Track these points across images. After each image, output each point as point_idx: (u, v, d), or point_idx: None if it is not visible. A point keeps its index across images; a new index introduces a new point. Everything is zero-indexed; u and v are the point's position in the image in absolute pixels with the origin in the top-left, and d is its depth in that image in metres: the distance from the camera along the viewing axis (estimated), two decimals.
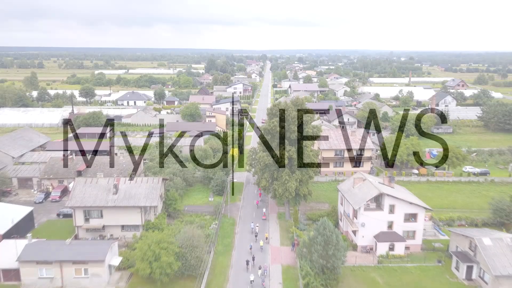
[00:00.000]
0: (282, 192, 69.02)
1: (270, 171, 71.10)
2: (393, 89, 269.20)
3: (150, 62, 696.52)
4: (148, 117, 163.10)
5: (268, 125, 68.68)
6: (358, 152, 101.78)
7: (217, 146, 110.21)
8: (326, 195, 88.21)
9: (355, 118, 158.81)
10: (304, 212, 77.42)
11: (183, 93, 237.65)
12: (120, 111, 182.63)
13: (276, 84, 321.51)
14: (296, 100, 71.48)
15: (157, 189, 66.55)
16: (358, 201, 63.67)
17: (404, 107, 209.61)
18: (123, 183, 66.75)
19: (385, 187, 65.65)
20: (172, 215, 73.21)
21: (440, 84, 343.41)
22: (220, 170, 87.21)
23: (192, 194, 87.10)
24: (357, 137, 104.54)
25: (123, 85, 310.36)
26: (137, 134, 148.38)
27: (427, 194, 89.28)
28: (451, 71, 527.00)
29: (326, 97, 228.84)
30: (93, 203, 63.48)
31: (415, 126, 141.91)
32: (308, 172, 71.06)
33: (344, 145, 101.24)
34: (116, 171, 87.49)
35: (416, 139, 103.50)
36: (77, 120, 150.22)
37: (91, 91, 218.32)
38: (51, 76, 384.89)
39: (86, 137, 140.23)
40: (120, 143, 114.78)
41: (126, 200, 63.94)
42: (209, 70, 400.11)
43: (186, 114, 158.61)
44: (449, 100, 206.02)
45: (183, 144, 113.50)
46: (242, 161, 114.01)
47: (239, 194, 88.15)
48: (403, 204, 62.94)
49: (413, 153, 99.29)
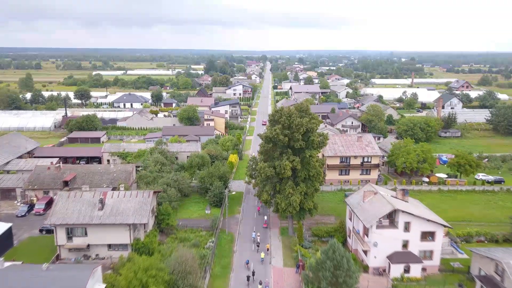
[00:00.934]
0: (285, 207, 62.94)
1: (272, 183, 65.02)
2: (396, 91, 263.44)
3: (149, 63, 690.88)
4: (144, 120, 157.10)
5: (270, 133, 62.59)
6: (365, 159, 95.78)
7: (215, 152, 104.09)
8: (332, 206, 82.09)
9: (359, 122, 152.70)
10: (308, 226, 71.32)
11: (182, 95, 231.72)
12: (115, 114, 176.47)
13: (276, 86, 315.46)
14: (300, 105, 65.43)
15: (148, 204, 60.42)
16: (370, 218, 57.55)
17: (408, 109, 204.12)
18: (110, 197, 60.60)
19: (399, 202, 59.55)
20: (164, 231, 67.11)
21: (443, 85, 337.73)
22: (217, 180, 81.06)
23: (187, 205, 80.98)
24: (363, 143, 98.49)
25: (120, 87, 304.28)
26: (132, 138, 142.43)
27: (440, 205, 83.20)
28: (453, 72, 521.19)
29: (328, 99, 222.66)
30: (76, 220, 57.33)
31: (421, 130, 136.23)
32: (313, 184, 65.00)
33: (350, 152, 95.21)
34: (106, 181, 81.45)
35: (427, 145, 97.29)
36: (70, 124, 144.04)
37: (86, 93, 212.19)
38: (48, 78, 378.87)
39: (78, 142, 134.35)
40: (113, 149, 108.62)
41: (113, 217, 57.80)
42: (209, 71, 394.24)
43: (184, 117, 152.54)
44: (455, 102, 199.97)
45: (179, 150, 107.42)
46: (241, 168, 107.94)
47: (238, 206, 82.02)
48: (419, 221, 56.84)
49: (423, 160, 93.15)
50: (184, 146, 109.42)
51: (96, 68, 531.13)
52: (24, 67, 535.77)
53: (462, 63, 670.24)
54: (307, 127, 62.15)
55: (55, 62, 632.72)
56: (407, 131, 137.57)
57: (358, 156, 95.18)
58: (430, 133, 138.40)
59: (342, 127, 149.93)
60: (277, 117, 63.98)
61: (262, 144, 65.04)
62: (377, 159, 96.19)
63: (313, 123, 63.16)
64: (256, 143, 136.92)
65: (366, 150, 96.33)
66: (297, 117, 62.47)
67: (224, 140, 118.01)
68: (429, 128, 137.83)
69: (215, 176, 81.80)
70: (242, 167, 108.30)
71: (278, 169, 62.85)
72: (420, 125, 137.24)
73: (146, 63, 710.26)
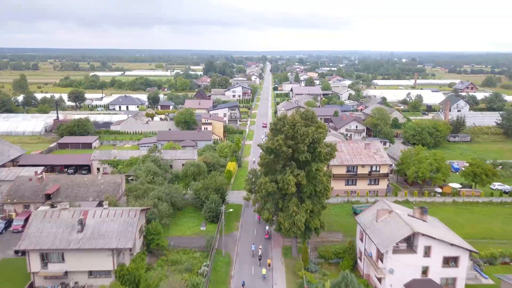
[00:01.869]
0: (289, 227, 56.15)
1: (274, 199, 58.18)
2: (399, 92, 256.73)
3: (148, 64, 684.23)
4: (138, 124, 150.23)
5: (272, 144, 55.76)
6: (373, 168, 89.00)
7: (212, 160, 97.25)
8: (339, 221, 75.27)
9: (363, 126, 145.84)
10: (314, 245, 64.48)
11: (179, 97, 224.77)
12: (110, 117, 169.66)
13: (276, 87, 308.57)
14: (305, 112, 58.59)
15: (134, 225, 53.61)
16: (385, 241, 50.75)
17: (413, 112, 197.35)
18: (91, 217, 53.77)
19: (417, 223, 52.75)
20: (154, 252, 60.29)
21: (446, 86, 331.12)
22: (213, 193, 74.20)
23: (181, 220, 74.14)
24: (371, 151, 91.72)
25: (117, 88, 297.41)
26: (126, 143, 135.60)
27: (456, 219, 76.50)
28: (455, 72, 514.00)
29: (330, 101, 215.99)
30: (51, 244, 50.51)
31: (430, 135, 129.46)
32: (320, 201, 58.20)
33: (357, 160, 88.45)
34: (92, 194, 74.63)
35: (440, 152, 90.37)
36: (60, 128, 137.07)
37: (80, 95, 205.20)
38: (45, 79, 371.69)
39: (69, 147, 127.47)
40: (103, 156, 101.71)
41: (94, 240, 50.99)
42: (208, 72, 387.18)
43: (180, 121, 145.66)
44: (461, 105, 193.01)
45: (174, 158, 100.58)
46: (240, 176, 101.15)
47: (236, 221, 75.17)
48: (441, 245, 50.08)
49: (436, 170, 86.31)
50: (179, 153, 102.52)
51: (94, 69, 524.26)
52: (21, 68, 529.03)
53: (463, 64, 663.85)
54: (313, 137, 55.36)
55: (53, 63, 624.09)
56: (415, 136, 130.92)
57: (366, 165, 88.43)
58: (439, 138, 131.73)
59: (346, 131, 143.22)
60: (279, 126, 57.15)
61: (263, 155, 58.21)
62: (386, 168, 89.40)
63: (319, 133, 56.36)
64: (256, 148, 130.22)
65: (374, 158, 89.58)
66: (302, 126, 55.66)
67: (222, 147, 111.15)
68: (438, 132, 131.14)
69: (211, 189, 74.96)
70: (241, 176, 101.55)
71: (280, 184, 56.11)
72: (429, 129, 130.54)
73: (145, 63, 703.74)
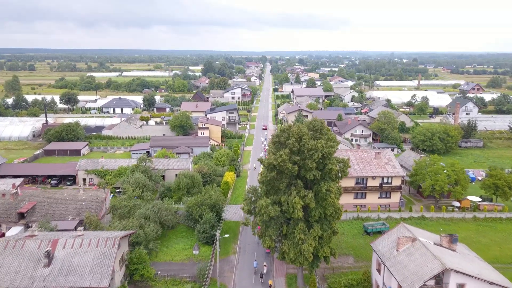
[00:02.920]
0: (295, 257, 48.00)
1: (277, 224, 50.02)
2: (403, 94, 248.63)
3: (147, 64, 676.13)
4: (132, 128, 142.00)
5: (275, 160, 47.63)
6: (385, 180, 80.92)
7: (208, 170, 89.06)
8: (349, 242, 67.08)
9: (369, 130, 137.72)
10: (322, 273, 56.42)
11: (176, 99, 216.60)
12: (102, 121, 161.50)
13: (277, 88, 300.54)
14: (313, 122, 50.42)
15: (112, 258, 45.47)
16: (410, 278, 42.62)
17: (420, 114, 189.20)
18: (61, 248, 45.65)
19: (447, 255, 44.62)
20: (138, 284, 52.14)
21: (451, 87, 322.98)
22: (208, 211, 66.03)
23: (171, 241, 65.97)
24: (382, 160, 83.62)
25: (113, 89, 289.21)
26: (118, 149, 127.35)
27: (479, 239, 68.50)
28: (457, 73, 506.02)
29: (333, 103, 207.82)
30: (11, 283, 42.39)
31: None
32: (330, 226, 50.07)
33: (367, 171, 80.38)
34: (72, 212, 66.49)
35: (458, 162, 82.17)
36: (48, 134, 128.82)
37: (73, 97, 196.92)
38: (40, 79, 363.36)
39: (56, 154, 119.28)
40: (90, 166, 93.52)
41: (62, 277, 42.90)
42: (207, 73, 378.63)
43: (176, 126, 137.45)
44: (470, 107, 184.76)
45: (166, 167, 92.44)
46: (239, 188, 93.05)
47: (233, 242, 66.97)
48: (478, 283, 41.99)
49: (455, 182, 78.22)
50: (172, 162, 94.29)
51: (92, 69, 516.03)
52: (17, 68, 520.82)
53: (465, 64, 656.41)
54: (322, 152, 47.22)
55: (50, 64, 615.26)
56: (425, 142, 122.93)
57: (377, 177, 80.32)
58: (450, 144, 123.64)
59: (352, 137, 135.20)
60: (283, 139, 48.99)
61: (264, 172, 49.99)
62: (398, 180, 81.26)
63: (330, 147, 48.25)
64: (256, 154, 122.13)
65: (385, 169, 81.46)
66: (309, 139, 47.55)
67: (219, 154, 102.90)
68: (449, 138, 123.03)
69: (206, 206, 66.80)
70: (239, 187, 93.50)
71: (285, 207, 48.01)
72: (439, 134, 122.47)
73: (144, 64, 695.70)
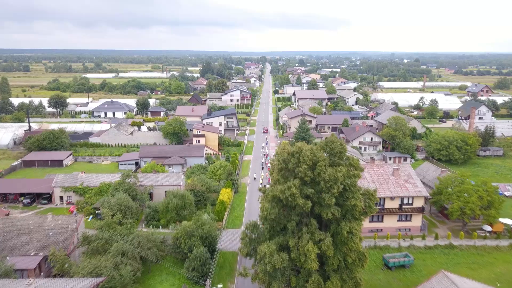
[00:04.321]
0: None
1: (285, 276, 39.01)
2: (410, 96, 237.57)
3: (145, 65, 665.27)
4: (121, 135, 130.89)
5: (281, 192, 36.74)
6: (405, 200, 70.12)
7: (201, 188, 78.04)
8: (367, 280, 55.32)
9: (379, 137, 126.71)
10: None
11: (172, 102, 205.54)
12: (91, 127, 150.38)
13: (277, 90, 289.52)
14: (331, 143, 39.40)
15: None
16: None
17: (430, 119, 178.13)
18: None
19: None
20: None
21: (456, 89, 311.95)
22: (199, 243, 54.98)
23: (154, 281, 54.88)
24: (401, 177, 72.81)
25: (107, 91, 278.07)
26: (105, 160, 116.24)
27: None
28: (461, 73, 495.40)
29: (337, 107, 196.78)
30: None
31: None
32: (352, 275, 39.12)
33: (385, 191, 69.56)
34: (36, 245, 55.44)
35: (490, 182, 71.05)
36: (29, 142, 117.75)
37: (62, 101, 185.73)
38: (34, 81, 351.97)
39: (36, 165, 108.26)
40: (68, 182, 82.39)
41: None
42: (205, 74, 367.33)
43: (169, 133, 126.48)
44: (483, 111, 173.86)
45: (154, 184, 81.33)
46: (237, 206, 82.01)
47: (229, 279, 55.88)
48: None
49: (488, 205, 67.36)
50: (162, 177, 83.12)
51: (88, 70, 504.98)
52: (12, 69, 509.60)
53: (467, 65, 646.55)
54: (344, 183, 36.32)
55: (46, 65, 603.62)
56: (440, 151, 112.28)
57: (396, 197, 69.50)
58: (469, 153, 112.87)
59: (360, 145, 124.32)
60: (292, 165, 37.98)
61: (267, 208, 38.97)
62: (421, 201, 70.41)
63: (353, 176, 37.37)
64: (256, 164, 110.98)
65: (405, 188, 70.64)
66: (326, 165, 36.63)
67: (215, 167, 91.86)
68: (468, 147, 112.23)
69: (197, 237, 55.81)
70: (237, 205, 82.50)
71: (294, 254, 37.13)
72: (457, 143, 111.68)
73: (142, 64, 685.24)
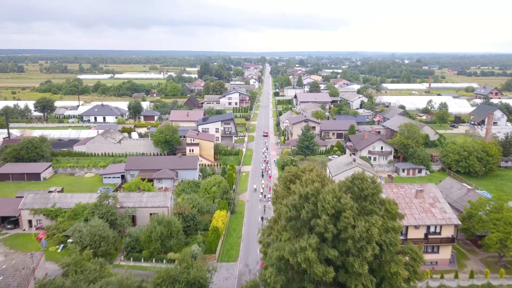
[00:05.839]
0: None
1: None
2: (416, 99, 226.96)
3: (143, 66, 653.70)
4: (109, 143, 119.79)
5: (291, 254, 25.64)
6: (431, 229, 59.20)
7: (191, 212, 67.02)
8: None
9: (390, 146, 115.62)
10: None
11: (166, 106, 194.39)
12: (78, 133, 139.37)
13: (278, 92, 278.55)
14: (359, 181, 28.29)
15: None
16: None
17: (441, 124, 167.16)
18: None
19: None
20: None
21: (463, 90, 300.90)
22: None
23: None
24: (426, 201, 61.91)
25: (100, 94, 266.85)
26: (88, 172, 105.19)
27: None
28: (464, 74, 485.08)
29: (341, 111, 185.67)
30: None
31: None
32: None
33: (408, 218, 58.60)
34: None
35: None
36: (4, 152, 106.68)
37: (49, 104, 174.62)
38: (28, 82, 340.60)
39: (10, 179, 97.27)
40: (38, 203, 71.22)
41: None
42: (203, 75, 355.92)
43: (160, 141, 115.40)
44: (498, 115, 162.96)
45: (137, 205, 70.23)
46: (233, 231, 70.96)
47: None
48: None
49: None
50: (146, 198, 71.88)
51: (83, 71, 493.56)
52: (6, 70, 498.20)
53: (469, 65, 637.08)
54: (380, 241, 25.30)
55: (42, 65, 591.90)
56: (459, 162, 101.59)
57: (421, 226, 58.58)
58: (491, 165, 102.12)
59: (369, 154, 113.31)
60: (306, 215, 26.87)
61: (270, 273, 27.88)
62: (450, 230, 59.48)
63: (392, 230, 26.28)
64: (256, 176, 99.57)
65: (432, 213, 59.71)
66: (354, 216, 25.58)
67: (209, 184, 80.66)
68: (490, 157, 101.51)
69: (182, 283, 44.73)
70: (233, 230, 71.47)
71: None
72: (478, 153, 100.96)
73: (140, 65, 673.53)
